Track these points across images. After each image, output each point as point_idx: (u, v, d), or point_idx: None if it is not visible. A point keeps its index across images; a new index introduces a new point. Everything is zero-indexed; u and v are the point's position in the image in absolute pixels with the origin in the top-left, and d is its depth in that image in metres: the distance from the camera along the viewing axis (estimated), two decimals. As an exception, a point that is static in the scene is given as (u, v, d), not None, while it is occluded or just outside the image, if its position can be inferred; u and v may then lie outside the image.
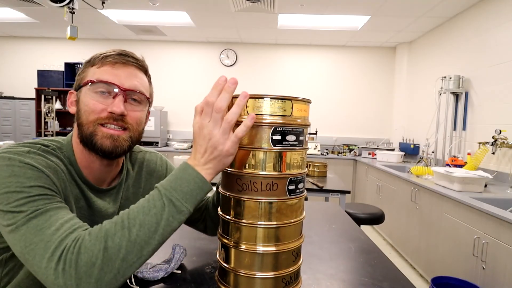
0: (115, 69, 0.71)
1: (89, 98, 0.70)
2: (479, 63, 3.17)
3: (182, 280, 0.82)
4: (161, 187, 0.59)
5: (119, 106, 0.69)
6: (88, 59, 0.74)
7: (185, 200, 0.58)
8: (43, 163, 0.63)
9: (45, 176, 0.61)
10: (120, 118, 0.71)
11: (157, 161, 0.95)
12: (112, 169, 0.79)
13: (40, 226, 0.54)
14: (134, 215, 0.56)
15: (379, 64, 5.23)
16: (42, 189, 0.58)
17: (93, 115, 0.70)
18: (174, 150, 4.80)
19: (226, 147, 0.60)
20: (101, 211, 0.76)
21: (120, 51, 0.73)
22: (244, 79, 5.37)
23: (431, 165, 3.39)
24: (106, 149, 0.70)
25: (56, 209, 0.57)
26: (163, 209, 0.57)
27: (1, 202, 0.56)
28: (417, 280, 2.77)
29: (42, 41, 5.51)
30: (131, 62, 0.74)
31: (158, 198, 0.58)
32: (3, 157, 0.60)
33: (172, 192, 0.58)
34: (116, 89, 0.70)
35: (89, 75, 0.72)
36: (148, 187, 0.89)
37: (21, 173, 0.58)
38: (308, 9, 3.75)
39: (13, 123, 5.27)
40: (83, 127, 0.70)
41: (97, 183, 0.77)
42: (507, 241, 1.76)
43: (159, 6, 3.80)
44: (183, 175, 0.60)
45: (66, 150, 0.73)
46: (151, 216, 0.56)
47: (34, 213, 0.55)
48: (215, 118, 0.59)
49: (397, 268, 0.93)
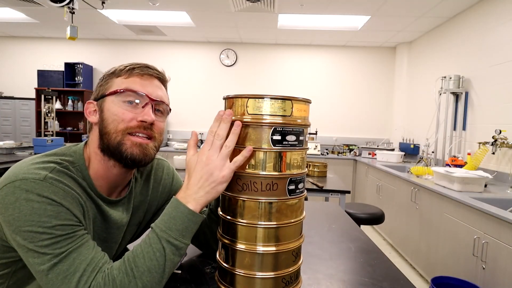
0: (144, 80, 0.74)
1: (117, 107, 0.71)
2: (479, 63, 3.17)
3: (182, 280, 0.82)
4: (157, 229, 0.63)
5: (150, 115, 0.71)
6: (111, 71, 0.75)
7: (182, 237, 0.63)
8: (60, 193, 0.62)
9: (64, 209, 0.62)
10: (149, 127, 0.72)
11: (164, 169, 0.95)
12: (127, 176, 0.80)
13: (65, 273, 0.58)
14: (141, 263, 0.61)
15: (379, 64, 5.23)
16: (63, 228, 0.60)
17: (123, 124, 0.70)
18: (174, 150, 4.80)
19: (222, 173, 0.63)
20: (117, 222, 0.78)
21: (145, 64, 0.76)
22: (244, 79, 5.37)
23: (431, 165, 3.39)
24: (136, 158, 0.71)
25: (78, 249, 0.60)
26: (164, 251, 0.62)
27: (26, 239, 0.58)
28: (417, 280, 2.77)
29: (42, 41, 5.51)
30: (156, 75, 0.77)
31: (157, 242, 0.62)
32: (21, 188, 0.59)
33: (168, 232, 0.63)
34: (146, 98, 0.72)
35: (115, 85, 0.72)
36: (154, 194, 0.90)
37: (41, 211, 0.59)
38: (308, 9, 3.75)
39: (13, 123, 5.27)
40: (109, 136, 0.70)
41: (108, 194, 0.77)
42: (507, 241, 1.75)
43: (159, 6, 3.81)
44: (176, 214, 0.64)
45: (79, 164, 0.72)
46: (156, 260, 0.61)
47: (58, 258, 0.58)
48: (216, 144, 0.64)
49: (397, 268, 0.93)
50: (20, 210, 0.58)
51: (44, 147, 3.45)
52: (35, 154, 2.53)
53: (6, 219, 0.59)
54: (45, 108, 4.14)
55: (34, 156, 0.68)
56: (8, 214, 0.59)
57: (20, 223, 0.58)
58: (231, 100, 0.67)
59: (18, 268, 0.68)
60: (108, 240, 0.77)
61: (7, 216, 0.59)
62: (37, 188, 0.60)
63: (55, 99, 4.75)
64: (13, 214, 0.58)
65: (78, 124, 5.41)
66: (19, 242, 0.59)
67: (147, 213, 0.89)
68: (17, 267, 0.68)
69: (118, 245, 0.82)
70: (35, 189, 0.60)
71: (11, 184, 0.60)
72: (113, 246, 0.80)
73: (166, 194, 0.94)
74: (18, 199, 0.59)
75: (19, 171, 0.62)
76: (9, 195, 0.59)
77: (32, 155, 3.45)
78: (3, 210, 0.59)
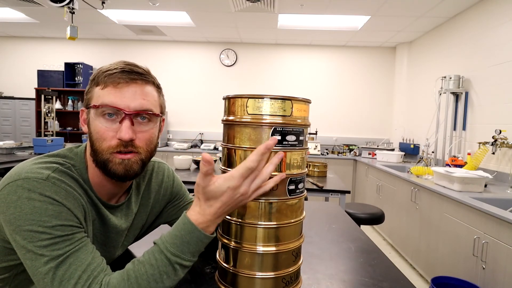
0: (118, 90, 0.67)
1: (97, 123, 0.68)
2: (479, 63, 3.17)
3: (182, 280, 0.82)
4: (168, 253, 0.60)
5: (127, 133, 0.66)
6: (93, 76, 0.71)
7: (193, 256, 0.62)
8: (62, 193, 0.62)
9: (65, 209, 0.61)
10: (129, 143, 0.69)
11: (165, 172, 0.95)
12: (124, 186, 0.79)
13: (61, 278, 0.57)
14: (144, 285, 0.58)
15: (379, 64, 5.23)
16: (63, 229, 0.59)
17: (105, 143, 0.68)
18: (174, 150, 4.80)
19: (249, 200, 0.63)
20: (116, 227, 0.77)
21: (122, 66, 0.69)
22: (244, 79, 5.37)
23: (431, 165, 3.39)
24: (119, 175, 0.69)
25: (76, 253, 0.59)
26: (175, 273, 0.61)
27: (25, 238, 0.58)
28: (417, 280, 2.77)
29: (42, 41, 5.51)
30: (136, 78, 0.69)
31: (167, 264, 0.60)
32: (23, 187, 0.59)
33: (181, 255, 0.61)
34: (121, 113, 0.67)
35: (94, 97, 0.69)
36: (156, 197, 0.90)
37: (42, 210, 0.59)
38: (308, 9, 3.75)
39: (13, 123, 5.27)
40: (97, 153, 0.69)
41: (107, 200, 0.77)
42: (507, 241, 1.75)
43: (159, 6, 3.80)
44: (191, 239, 0.61)
45: (80, 167, 0.72)
46: (162, 282, 0.60)
47: (55, 262, 0.57)
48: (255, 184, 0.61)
49: (397, 268, 0.93)
50: (22, 209, 0.58)
51: (44, 147, 3.45)
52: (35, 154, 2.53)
53: (7, 218, 0.59)
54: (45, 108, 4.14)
55: (36, 157, 0.68)
56: (10, 213, 0.58)
57: (21, 222, 0.58)
58: (231, 100, 0.67)
59: (19, 272, 0.68)
60: (107, 244, 0.77)
61: (8, 215, 0.59)
62: (39, 188, 0.60)
63: (55, 99, 4.75)
64: (14, 213, 0.58)
65: (78, 124, 5.40)
66: (18, 242, 0.58)
67: (150, 215, 0.90)
68: (18, 271, 0.68)
69: (118, 249, 0.82)
70: (37, 188, 0.60)
71: (13, 183, 0.60)
72: (111, 250, 0.80)
73: (168, 196, 0.94)
74: (20, 198, 0.59)
75: (21, 171, 0.62)
76: (11, 194, 0.59)
77: (32, 155, 3.45)
78: (5, 209, 0.59)
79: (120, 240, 0.81)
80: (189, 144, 5.03)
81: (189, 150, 4.91)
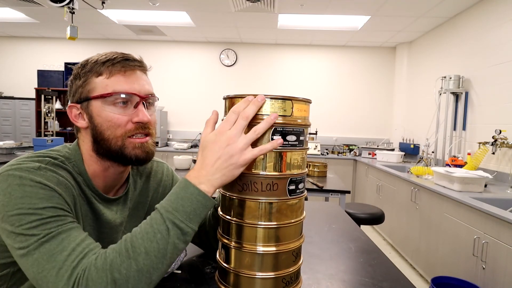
0: (128, 77, 0.70)
1: (108, 112, 0.68)
2: (479, 63, 3.17)
3: (182, 280, 0.82)
4: (162, 209, 0.58)
5: (145, 115, 0.70)
6: (87, 67, 0.70)
7: (189, 220, 0.57)
8: (54, 180, 0.62)
9: (57, 195, 0.60)
10: (146, 125, 0.71)
11: (164, 170, 0.95)
12: (124, 175, 0.79)
13: (52, 251, 0.54)
14: (138, 243, 0.55)
15: (379, 64, 5.23)
16: (54, 210, 0.58)
17: (120, 129, 0.68)
18: (174, 150, 4.79)
19: (243, 157, 0.59)
20: (110, 222, 0.76)
21: (121, 55, 0.71)
22: (244, 79, 5.37)
23: (431, 165, 3.39)
24: (140, 158, 0.71)
25: (68, 231, 0.57)
26: (168, 233, 0.56)
27: (13, 224, 0.55)
28: (417, 280, 2.77)
29: (42, 41, 5.51)
30: (138, 65, 0.72)
31: (161, 222, 0.56)
32: (14, 175, 0.59)
33: (174, 213, 0.57)
34: (136, 98, 0.69)
35: (99, 87, 0.68)
36: (155, 196, 0.90)
37: (33, 194, 0.57)
38: (308, 9, 3.75)
39: (13, 123, 5.27)
40: (108, 142, 0.68)
41: (105, 192, 0.76)
42: (507, 241, 1.75)
43: (159, 6, 3.80)
44: (185, 194, 0.58)
45: (75, 160, 0.71)
46: (157, 242, 0.55)
47: (46, 237, 0.55)
48: (240, 125, 0.59)
49: (397, 268, 0.93)
50: (11, 194, 0.57)
51: (44, 147, 3.45)
52: (35, 154, 2.47)
53: None
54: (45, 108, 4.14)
55: (29, 153, 0.68)
56: None
57: (9, 207, 0.56)
58: (231, 100, 0.67)
59: (16, 270, 0.67)
60: (100, 239, 0.76)
61: None
62: (31, 174, 0.59)
63: (55, 99, 4.75)
64: (3, 200, 0.57)
65: (78, 124, 5.40)
66: (7, 229, 0.56)
67: (148, 213, 0.89)
68: (15, 269, 0.67)
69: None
70: (28, 175, 0.59)
71: (5, 172, 0.60)
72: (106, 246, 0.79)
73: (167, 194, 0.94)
74: (10, 185, 0.58)
75: (13, 163, 0.62)
76: (1, 182, 0.58)
77: (32, 155, 3.45)
78: None
79: (116, 237, 0.79)
80: (189, 144, 5.03)
81: (189, 150, 4.91)
